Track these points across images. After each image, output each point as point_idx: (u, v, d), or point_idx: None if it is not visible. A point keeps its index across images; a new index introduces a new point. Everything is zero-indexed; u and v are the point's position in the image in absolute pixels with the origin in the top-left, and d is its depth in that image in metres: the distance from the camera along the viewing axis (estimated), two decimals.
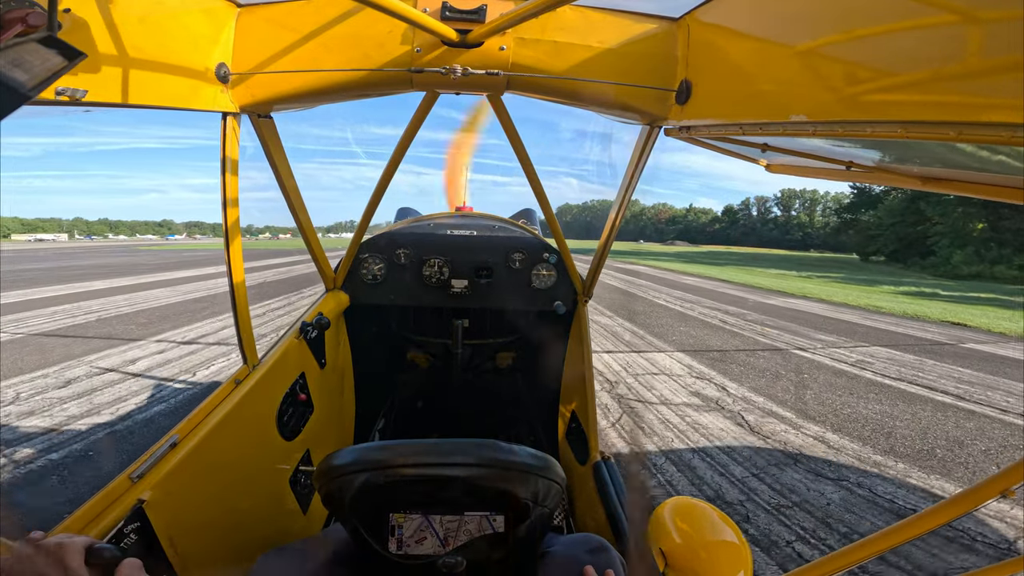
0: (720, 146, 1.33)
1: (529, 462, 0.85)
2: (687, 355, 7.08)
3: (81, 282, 14.81)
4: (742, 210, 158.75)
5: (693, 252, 65.88)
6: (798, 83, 0.83)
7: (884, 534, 0.81)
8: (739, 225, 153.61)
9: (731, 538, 1.03)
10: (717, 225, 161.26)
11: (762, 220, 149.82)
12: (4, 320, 8.46)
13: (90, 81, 0.82)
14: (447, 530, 0.84)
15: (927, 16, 0.61)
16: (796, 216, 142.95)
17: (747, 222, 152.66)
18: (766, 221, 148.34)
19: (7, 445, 3.63)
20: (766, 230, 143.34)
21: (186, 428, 1.14)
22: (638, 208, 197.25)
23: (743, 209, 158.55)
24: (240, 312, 1.36)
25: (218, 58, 1.11)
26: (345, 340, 2.23)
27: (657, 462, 3.69)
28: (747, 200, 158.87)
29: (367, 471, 0.82)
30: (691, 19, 1.15)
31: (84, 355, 6.24)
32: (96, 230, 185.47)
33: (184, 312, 9.69)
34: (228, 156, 1.24)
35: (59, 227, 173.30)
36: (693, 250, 79.69)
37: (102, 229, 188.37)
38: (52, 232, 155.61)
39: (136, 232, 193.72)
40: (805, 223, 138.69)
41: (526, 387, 2.73)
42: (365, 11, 1.11)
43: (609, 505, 1.45)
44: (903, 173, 1.06)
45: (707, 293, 15.28)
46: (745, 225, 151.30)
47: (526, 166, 1.68)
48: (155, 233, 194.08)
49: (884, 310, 12.74)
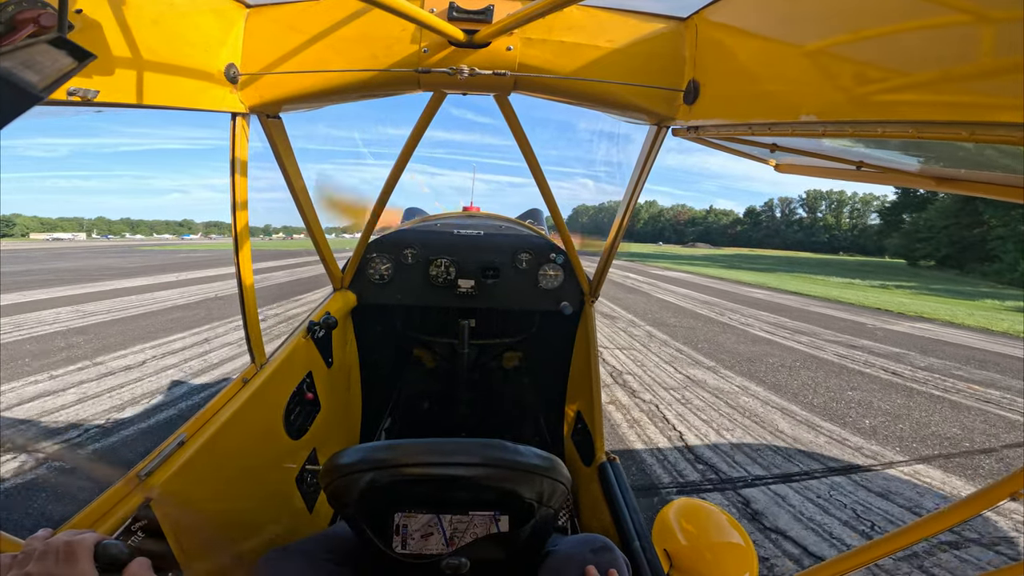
0: (729, 146, 1.33)
1: (535, 462, 0.87)
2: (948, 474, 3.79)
3: (23, 292, 12.31)
4: (765, 211, 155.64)
5: (719, 256, 62.19)
6: (807, 83, 0.84)
7: (894, 535, 0.80)
8: (762, 227, 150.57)
9: (736, 540, 1.03)
10: (739, 227, 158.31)
11: (786, 222, 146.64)
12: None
13: (102, 82, 0.84)
14: (452, 530, 0.86)
15: (938, 16, 0.62)
16: (822, 218, 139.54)
17: (770, 224, 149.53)
18: (791, 223, 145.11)
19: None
20: (791, 232, 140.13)
21: (194, 426, 1.17)
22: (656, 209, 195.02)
23: (766, 210, 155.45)
24: (248, 311, 1.40)
25: (227, 59, 1.14)
26: (352, 339, 2.28)
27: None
28: (770, 201, 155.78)
29: (373, 470, 0.84)
30: (699, 19, 1.15)
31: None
32: (116, 229, 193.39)
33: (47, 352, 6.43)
34: (238, 156, 1.28)
35: (80, 226, 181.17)
36: (716, 253, 76.01)
37: (121, 228, 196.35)
38: (72, 231, 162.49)
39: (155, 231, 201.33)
40: (832, 225, 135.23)
41: (532, 387, 2.74)
42: (372, 12, 1.13)
43: (614, 506, 1.45)
44: (915, 173, 1.05)
45: (802, 315, 12.22)
46: (768, 227, 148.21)
47: (533, 166, 1.70)
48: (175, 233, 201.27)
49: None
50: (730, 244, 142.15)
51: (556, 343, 2.36)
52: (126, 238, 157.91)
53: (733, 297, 15.89)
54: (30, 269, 20.61)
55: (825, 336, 9.61)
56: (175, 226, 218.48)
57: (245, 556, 1.23)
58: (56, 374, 5.60)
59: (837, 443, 4.28)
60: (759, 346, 8.32)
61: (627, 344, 8.02)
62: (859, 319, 12.15)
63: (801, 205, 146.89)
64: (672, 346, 7.99)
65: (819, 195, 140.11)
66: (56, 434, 4.07)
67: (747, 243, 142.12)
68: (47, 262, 25.55)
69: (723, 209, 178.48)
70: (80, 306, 10.51)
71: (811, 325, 10.87)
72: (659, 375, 6.28)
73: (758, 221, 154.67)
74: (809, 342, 8.90)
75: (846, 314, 12.90)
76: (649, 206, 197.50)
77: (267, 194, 2.04)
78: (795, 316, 12.12)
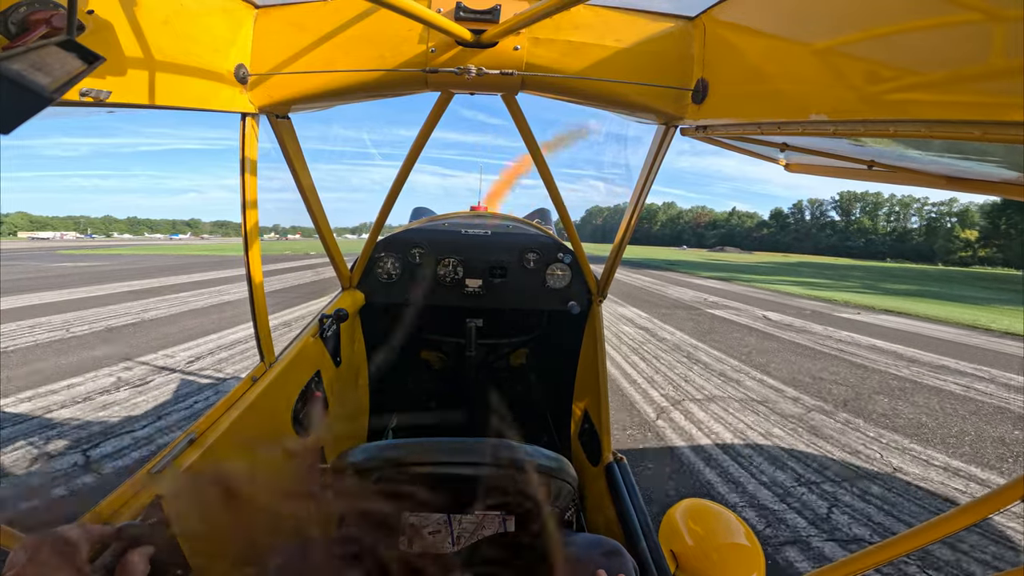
0: (738, 145, 1.37)
1: (542, 462, 0.91)
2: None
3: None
4: (794, 214, 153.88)
5: (765, 264, 53.73)
6: (818, 82, 0.87)
7: (903, 537, 0.83)
8: (790, 230, 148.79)
9: (743, 541, 1.07)
10: (765, 230, 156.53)
11: (817, 225, 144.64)
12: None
13: (113, 83, 0.89)
14: (459, 529, 0.90)
15: (949, 15, 0.64)
16: (856, 221, 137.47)
17: (800, 227, 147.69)
18: (823, 226, 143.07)
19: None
20: (823, 236, 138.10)
21: (204, 425, 1.23)
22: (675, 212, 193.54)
23: (795, 213, 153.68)
24: (258, 310, 1.48)
25: (237, 59, 1.20)
26: (360, 338, 2.36)
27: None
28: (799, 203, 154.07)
29: (380, 469, 0.89)
30: (707, 18, 1.20)
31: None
32: (119, 228, 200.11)
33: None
34: (247, 156, 1.36)
35: (75, 225, 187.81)
36: (749, 260, 67.16)
37: (120, 227, 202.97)
38: (65, 230, 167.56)
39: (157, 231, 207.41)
40: (868, 228, 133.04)
41: (539, 387, 2.80)
42: (380, 12, 1.19)
43: (620, 506, 1.49)
44: (927, 173, 1.09)
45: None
46: (798, 231, 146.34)
47: (541, 166, 1.77)
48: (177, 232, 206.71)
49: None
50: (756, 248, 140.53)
51: (563, 343, 2.42)
52: (113, 237, 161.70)
53: (887, 336, 9.87)
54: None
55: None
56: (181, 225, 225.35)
57: (252, 553, 1.29)
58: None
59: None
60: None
61: None
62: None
63: (834, 207, 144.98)
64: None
65: (854, 197, 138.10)
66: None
67: (774, 247, 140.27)
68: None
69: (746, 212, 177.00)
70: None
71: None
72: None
73: (785, 224, 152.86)
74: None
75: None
76: (667, 208, 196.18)
77: (276, 194, 2.14)
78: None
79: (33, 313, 9.88)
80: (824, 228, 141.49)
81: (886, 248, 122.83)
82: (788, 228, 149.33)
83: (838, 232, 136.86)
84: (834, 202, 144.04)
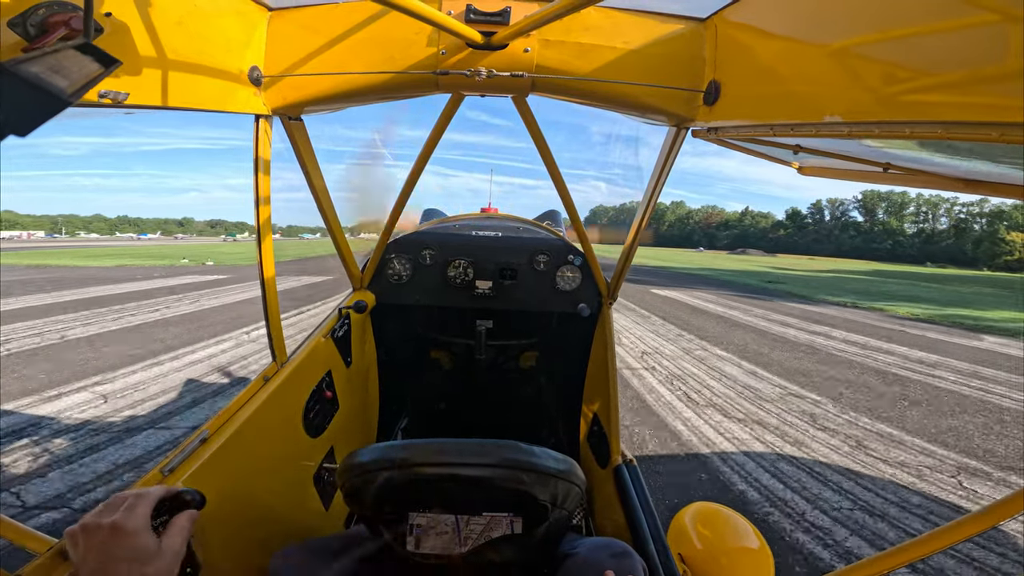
0: (749, 147, 1.39)
1: (551, 464, 0.93)
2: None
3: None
4: (812, 214, 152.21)
5: (795, 272, 41.05)
6: (831, 83, 0.88)
7: (915, 543, 0.84)
8: (808, 231, 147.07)
9: (753, 544, 1.08)
10: (781, 231, 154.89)
11: (839, 226, 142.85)
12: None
13: (131, 84, 0.89)
14: (466, 530, 0.93)
15: (966, 16, 0.66)
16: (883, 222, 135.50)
17: (819, 228, 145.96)
18: (845, 227, 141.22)
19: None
20: (845, 237, 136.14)
21: (216, 423, 1.27)
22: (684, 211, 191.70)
23: (814, 213, 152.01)
24: (271, 310, 1.52)
25: (251, 61, 1.25)
26: (371, 339, 2.42)
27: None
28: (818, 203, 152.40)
29: (389, 469, 0.91)
30: (719, 19, 1.22)
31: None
32: (99, 227, 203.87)
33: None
34: (260, 157, 1.40)
35: (52, 224, 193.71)
36: (775, 265, 57.80)
37: (101, 227, 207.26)
38: (44, 230, 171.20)
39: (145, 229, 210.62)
40: (895, 230, 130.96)
41: (549, 389, 2.84)
42: (391, 14, 1.24)
43: (629, 508, 1.51)
44: (944, 175, 1.11)
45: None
46: (817, 232, 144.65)
47: (551, 168, 1.80)
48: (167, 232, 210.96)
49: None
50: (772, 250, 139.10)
51: (573, 345, 2.46)
52: (79, 236, 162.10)
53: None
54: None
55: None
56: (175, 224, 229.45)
57: (260, 552, 1.31)
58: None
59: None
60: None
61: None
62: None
63: (856, 207, 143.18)
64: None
65: (878, 196, 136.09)
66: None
67: (791, 249, 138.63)
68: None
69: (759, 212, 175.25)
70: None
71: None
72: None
73: (803, 225, 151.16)
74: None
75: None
76: (676, 207, 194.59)
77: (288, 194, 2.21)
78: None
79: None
80: (847, 229, 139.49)
81: (914, 251, 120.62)
82: (806, 229, 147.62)
83: (862, 234, 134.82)
84: (856, 202, 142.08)
